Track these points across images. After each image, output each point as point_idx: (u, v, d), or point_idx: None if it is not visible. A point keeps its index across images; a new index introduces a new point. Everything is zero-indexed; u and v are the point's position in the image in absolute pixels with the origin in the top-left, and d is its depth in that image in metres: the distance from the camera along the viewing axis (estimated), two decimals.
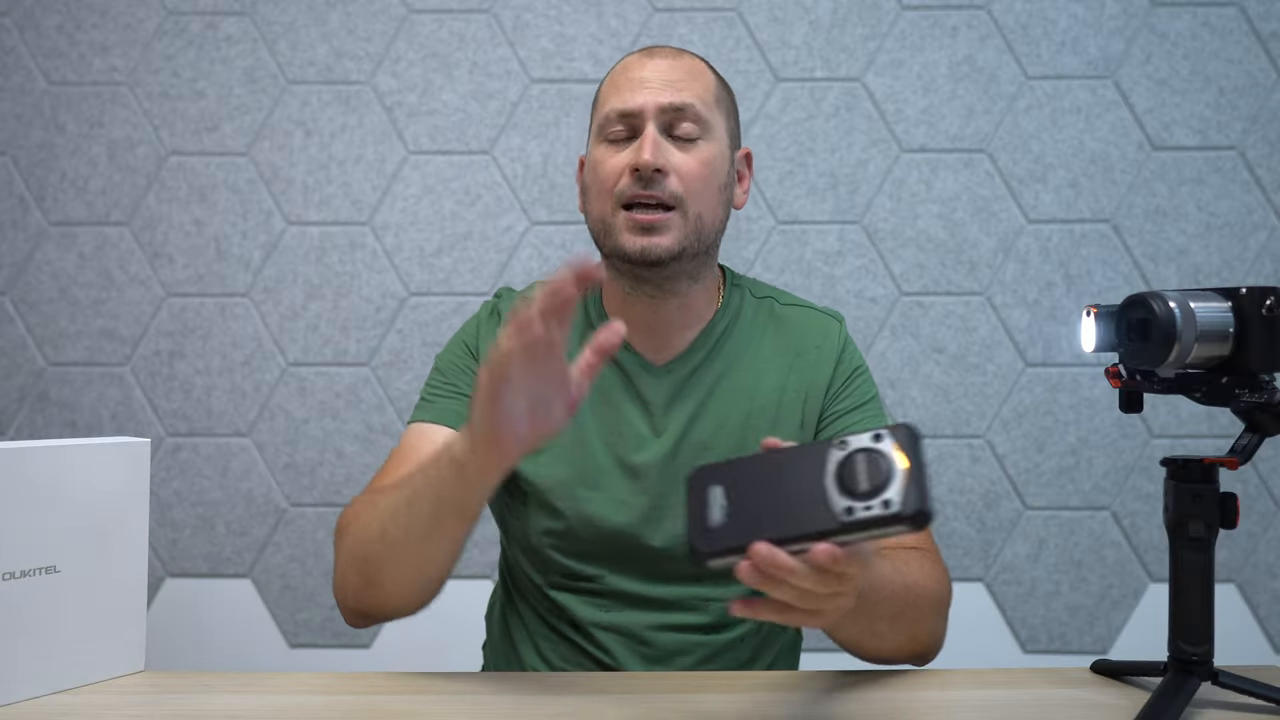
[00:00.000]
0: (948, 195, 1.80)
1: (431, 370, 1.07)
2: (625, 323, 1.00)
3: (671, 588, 1.00)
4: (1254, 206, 1.79)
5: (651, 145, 0.93)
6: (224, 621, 1.80)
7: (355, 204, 1.81)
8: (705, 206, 0.97)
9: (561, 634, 1.02)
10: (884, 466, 0.59)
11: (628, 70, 0.99)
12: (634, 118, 0.95)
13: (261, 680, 0.85)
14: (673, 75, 0.97)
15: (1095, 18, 1.80)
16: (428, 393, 1.04)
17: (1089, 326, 0.80)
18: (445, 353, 1.07)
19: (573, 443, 1.00)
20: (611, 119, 0.96)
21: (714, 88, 1.00)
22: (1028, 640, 1.79)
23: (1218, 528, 0.77)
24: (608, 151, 0.97)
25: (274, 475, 1.81)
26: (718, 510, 0.63)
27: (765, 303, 1.08)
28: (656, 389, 1.01)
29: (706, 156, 0.97)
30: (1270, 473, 1.78)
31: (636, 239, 0.95)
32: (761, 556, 0.60)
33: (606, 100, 0.99)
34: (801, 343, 1.05)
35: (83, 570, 0.83)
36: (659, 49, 1.00)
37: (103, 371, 1.81)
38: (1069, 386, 1.79)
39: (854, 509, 0.59)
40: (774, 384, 1.03)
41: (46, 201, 1.81)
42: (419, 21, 1.81)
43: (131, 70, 1.82)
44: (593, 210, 1.00)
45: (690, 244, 0.96)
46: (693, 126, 0.96)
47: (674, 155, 0.95)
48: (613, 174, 0.96)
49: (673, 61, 0.98)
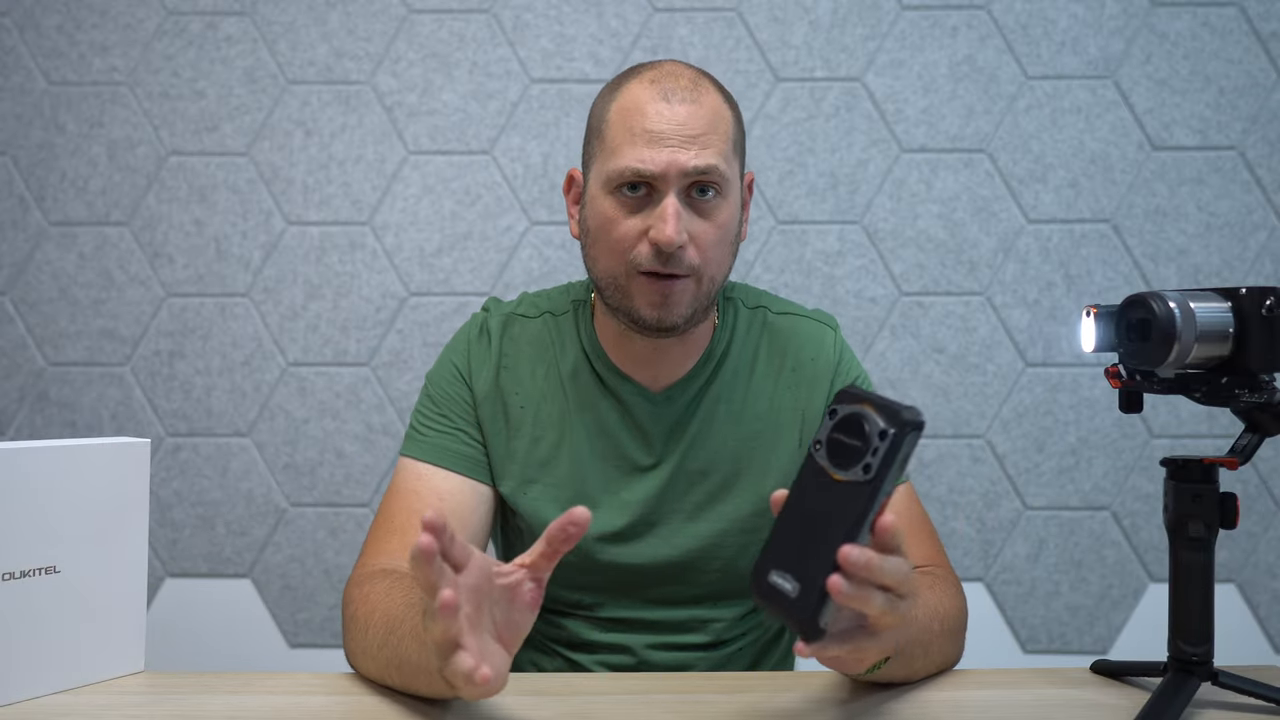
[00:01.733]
0: (948, 195, 1.80)
1: (423, 393, 1.03)
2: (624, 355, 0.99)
3: (671, 611, 1.00)
4: (1254, 206, 1.79)
5: (675, 222, 0.87)
6: (224, 621, 1.80)
7: (355, 204, 1.81)
8: (719, 269, 0.93)
9: (557, 653, 1.02)
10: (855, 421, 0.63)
11: (643, 115, 0.88)
12: (651, 178, 0.88)
13: (261, 680, 0.85)
14: (694, 126, 0.88)
15: (1095, 18, 1.80)
16: (419, 422, 1.00)
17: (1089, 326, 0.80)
18: (435, 375, 1.03)
19: (570, 477, 0.98)
20: (625, 175, 0.88)
21: (732, 131, 0.92)
22: (1028, 640, 1.79)
23: (1218, 528, 0.77)
24: (618, 210, 0.90)
25: (274, 475, 1.81)
26: (790, 587, 0.63)
27: (758, 313, 1.05)
28: (655, 418, 0.99)
29: (724, 219, 0.91)
30: (1270, 473, 1.78)
31: (654, 310, 0.91)
32: (852, 559, 0.60)
33: (619, 148, 0.89)
34: (797, 356, 1.02)
35: (83, 570, 0.83)
36: (674, 84, 0.90)
37: (103, 371, 1.81)
38: (1069, 386, 1.79)
39: (869, 465, 0.61)
40: (769, 404, 1.01)
41: (46, 201, 1.81)
42: (419, 21, 1.81)
43: (131, 70, 1.82)
44: (599, 262, 0.93)
45: (701, 305, 0.93)
46: (713, 189, 0.90)
47: (694, 225, 0.89)
48: (626, 239, 0.90)
49: (692, 106, 0.89)
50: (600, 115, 0.93)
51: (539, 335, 1.02)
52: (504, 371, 1.00)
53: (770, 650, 1.07)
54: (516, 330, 1.03)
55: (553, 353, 1.01)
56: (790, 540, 0.64)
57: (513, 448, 0.99)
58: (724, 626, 1.01)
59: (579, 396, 1.00)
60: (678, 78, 0.91)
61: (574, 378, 1.00)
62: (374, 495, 1.80)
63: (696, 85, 0.91)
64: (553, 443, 0.99)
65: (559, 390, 1.00)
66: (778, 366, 1.02)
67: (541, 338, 1.02)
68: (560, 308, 1.04)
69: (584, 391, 1.00)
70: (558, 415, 0.99)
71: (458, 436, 0.99)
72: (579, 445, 0.98)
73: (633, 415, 0.99)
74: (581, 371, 1.00)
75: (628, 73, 0.94)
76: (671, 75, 0.91)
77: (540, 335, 1.02)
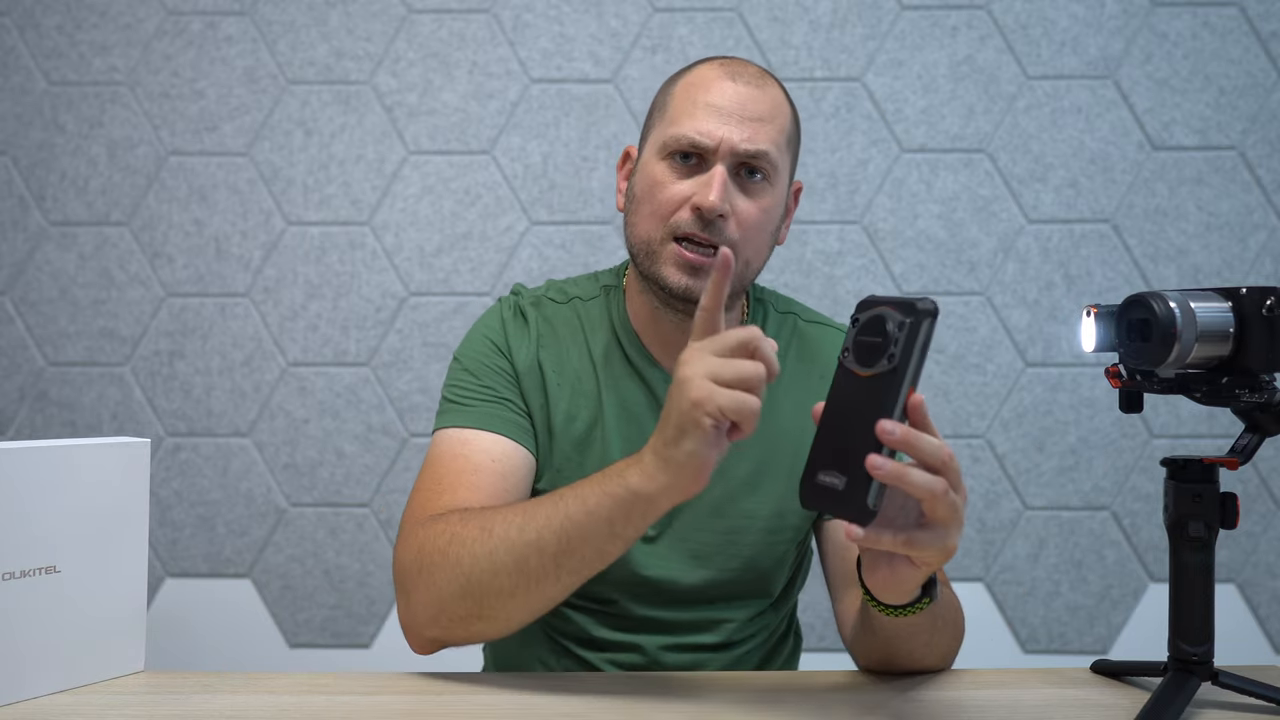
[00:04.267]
0: (948, 195, 1.80)
1: (455, 369, 1.00)
2: (654, 337, 0.99)
3: (687, 611, 0.99)
4: (1254, 206, 1.79)
5: (720, 188, 0.89)
6: (224, 621, 1.80)
7: (355, 204, 1.81)
8: (755, 252, 0.94)
9: (567, 649, 1.01)
10: (876, 321, 0.67)
11: (707, 89, 0.92)
12: (705, 150, 0.90)
13: (261, 680, 0.85)
14: (754, 109, 0.91)
15: (1095, 18, 1.80)
16: (458, 395, 0.97)
17: (1089, 326, 0.80)
18: (469, 350, 1.00)
19: (598, 458, 0.97)
20: (680, 143, 0.91)
21: (788, 127, 0.95)
22: (1028, 640, 1.79)
23: (1218, 528, 0.77)
24: (668, 173, 0.92)
25: (274, 475, 1.81)
26: (837, 481, 0.67)
27: (788, 319, 1.06)
28: None
29: (768, 204, 0.93)
30: (1270, 473, 1.78)
31: (683, 277, 0.91)
32: (888, 430, 0.63)
33: (679, 118, 0.92)
34: (826, 364, 1.03)
35: (83, 570, 0.83)
36: (742, 69, 0.94)
37: (103, 371, 1.81)
38: (1069, 386, 1.79)
39: (893, 355, 0.65)
40: (796, 406, 1.01)
41: (46, 201, 1.81)
42: (419, 21, 1.81)
43: (131, 70, 1.82)
44: (639, 226, 0.95)
45: (734, 287, 0.94)
46: (761, 174, 0.92)
47: (738, 200, 0.91)
48: (671, 202, 0.91)
49: (756, 91, 0.92)
50: (667, 91, 0.97)
51: (570, 319, 1.02)
52: (542, 350, 1.00)
53: (778, 650, 1.07)
54: (549, 312, 1.03)
55: (583, 335, 1.01)
56: (831, 442, 0.68)
57: (552, 426, 0.98)
58: (735, 627, 1.00)
59: (610, 378, 0.99)
60: (746, 65, 0.95)
61: (605, 359, 1.00)
62: (374, 495, 1.80)
63: (763, 76, 0.95)
64: (587, 423, 0.98)
65: (591, 372, 0.99)
66: (806, 373, 1.03)
67: (571, 322, 1.02)
68: (589, 293, 1.04)
69: (614, 373, 0.99)
70: (591, 397, 0.99)
71: (504, 405, 0.96)
72: (610, 430, 0.98)
73: (658, 400, 0.98)
74: (612, 353, 1.00)
75: (700, 61, 0.99)
76: (740, 63, 0.96)
77: (571, 319, 1.02)
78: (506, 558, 0.78)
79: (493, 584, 0.79)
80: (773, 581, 1.02)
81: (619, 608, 0.99)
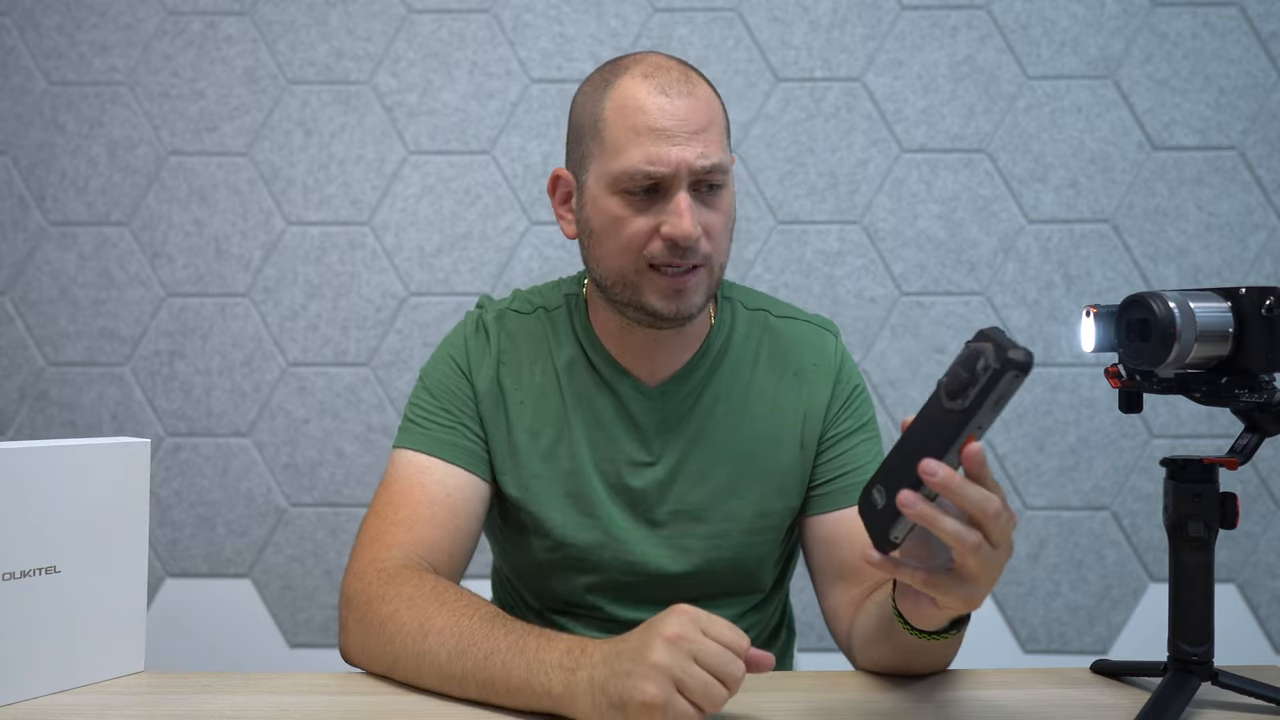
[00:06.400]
0: (948, 195, 1.80)
1: (418, 388, 1.01)
2: (622, 347, 0.99)
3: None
4: (1254, 206, 1.79)
5: (690, 217, 0.87)
6: (224, 621, 1.80)
7: (355, 204, 1.81)
8: (724, 254, 0.94)
9: None
10: (973, 355, 0.64)
11: (645, 112, 0.88)
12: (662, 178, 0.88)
13: (261, 680, 0.85)
14: (695, 120, 0.88)
15: (1095, 18, 1.80)
16: (417, 415, 0.98)
17: (1089, 326, 0.80)
18: (432, 370, 1.01)
19: (568, 470, 0.98)
20: (635, 179, 0.88)
21: (723, 119, 0.93)
22: (1028, 640, 1.79)
23: (1218, 528, 0.77)
24: (625, 208, 0.89)
25: (274, 475, 1.81)
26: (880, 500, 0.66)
27: (759, 315, 1.04)
28: (648, 413, 0.99)
29: (727, 205, 0.93)
30: (1270, 473, 1.78)
31: (670, 303, 0.91)
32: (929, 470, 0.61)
33: (622, 148, 0.88)
34: (799, 360, 1.02)
35: (83, 570, 0.83)
36: (667, 77, 0.90)
37: (103, 371, 1.81)
38: (1069, 386, 1.79)
39: (968, 395, 0.63)
40: (771, 406, 1.00)
41: (46, 201, 1.81)
42: (419, 21, 1.81)
43: (131, 70, 1.82)
44: (606, 261, 0.92)
45: (711, 292, 0.94)
46: (718, 181, 0.90)
47: (704, 216, 0.90)
48: (638, 237, 0.89)
49: (689, 100, 0.89)
50: (593, 114, 0.92)
51: (535, 330, 1.02)
52: (503, 367, 1.00)
53: (771, 643, 1.07)
54: (513, 326, 1.03)
55: (548, 347, 1.01)
56: (896, 458, 0.67)
57: (514, 443, 0.99)
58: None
59: (575, 390, 0.99)
60: (668, 70, 0.91)
61: (569, 371, 1.00)
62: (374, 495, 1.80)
63: (687, 77, 0.91)
64: (552, 438, 0.99)
65: (555, 385, 1.00)
66: (780, 370, 1.02)
67: (536, 333, 1.02)
68: (553, 303, 1.04)
69: (579, 385, 1.00)
70: (556, 410, 0.99)
71: (460, 431, 0.98)
72: (577, 440, 0.98)
73: (627, 410, 0.99)
74: (577, 365, 1.00)
75: (613, 68, 0.93)
76: (662, 69, 0.91)
77: (535, 330, 1.02)
78: (431, 671, 0.81)
79: (415, 677, 0.82)
80: (761, 578, 1.02)
81: (608, 611, 0.99)
